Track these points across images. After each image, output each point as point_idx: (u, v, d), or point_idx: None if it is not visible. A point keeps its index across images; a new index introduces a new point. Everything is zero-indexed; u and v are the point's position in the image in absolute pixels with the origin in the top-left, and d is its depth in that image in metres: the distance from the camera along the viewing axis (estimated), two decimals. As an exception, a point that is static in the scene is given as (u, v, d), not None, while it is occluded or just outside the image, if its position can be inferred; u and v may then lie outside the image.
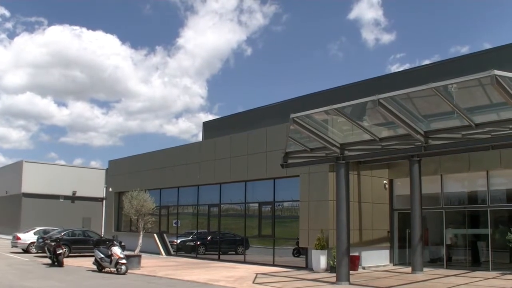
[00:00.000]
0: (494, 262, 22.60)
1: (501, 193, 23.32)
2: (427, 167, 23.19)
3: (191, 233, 32.29)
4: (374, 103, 15.30)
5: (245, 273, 22.08)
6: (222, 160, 29.28)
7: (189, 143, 42.52)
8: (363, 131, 18.05)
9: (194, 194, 32.17)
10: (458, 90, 14.52)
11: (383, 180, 26.00)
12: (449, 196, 24.98)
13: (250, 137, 27.86)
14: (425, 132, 16.75)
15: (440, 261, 24.58)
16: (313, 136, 18.36)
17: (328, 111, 17.26)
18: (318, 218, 23.27)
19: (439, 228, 24.79)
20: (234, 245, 29.70)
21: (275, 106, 37.00)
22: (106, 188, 42.36)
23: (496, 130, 16.00)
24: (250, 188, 28.11)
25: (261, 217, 27.55)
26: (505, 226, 22.42)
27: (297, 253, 25.27)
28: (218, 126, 42.00)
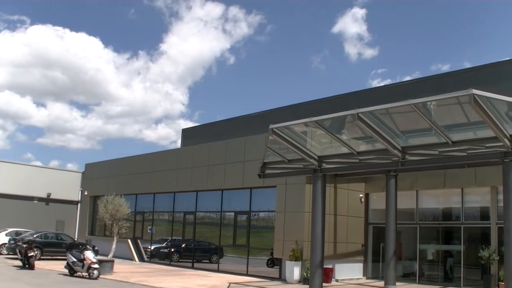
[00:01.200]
0: (466, 278, 22.80)
1: (475, 210, 23.61)
2: (403, 182, 23.31)
3: (166, 240, 32.11)
4: (354, 117, 15.37)
5: (218, 282, 22.02)
6: (199, 168, 29.20)
7: (167, 149, 42.31)
8: (342, 144, 18.12)
9: (170, 201, 32.01)
10: (437, 108, 14.65)
11: (360, 194, 26.12)
12: (424, 212, 25.19)
13: (229, 146, 27.82)
14: (403, 147, 16.88)
15: (413, 276, 24.71)
16: (291, 147, 18.39)
17: (307, 123, 17.31)
18: (293, 229, 23.29)
19: (413, 243, 24.94)
20: (208, 253, 29.60)
21: (255, 116, 37.03)
22: (82, 192, 42.00)
23: (472, 148, 16.18)
24: (227, 197, 28.04)
25: (237, 226, 27.52)
26: (477, 243, 22.63)
27: (271, 264, 25.24)
28: (197, 133, 41.90)
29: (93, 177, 39.82)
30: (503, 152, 15.03)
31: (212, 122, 42.87)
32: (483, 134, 15.42)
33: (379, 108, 15.47)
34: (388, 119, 16.35)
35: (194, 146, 32.04)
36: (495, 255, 21.23)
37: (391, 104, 15.36)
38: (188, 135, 43.59)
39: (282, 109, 34.97)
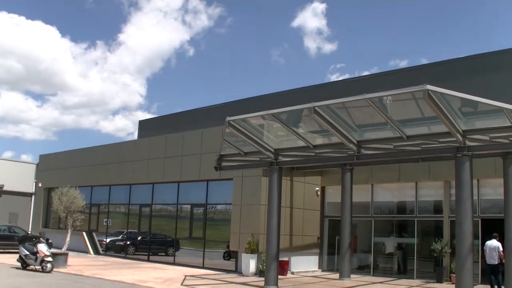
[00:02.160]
0: (419, 270, 23.23)
1: (428, 204, 24.01)
2: (359, 176, 23.58)
3: (122, 232, 31.78)
4: (310, 110, 15.42)
5: (174, 275, 21.91)
6: (156, 160, 28.97)
7: (124, 141, 41.88)
8: (298, 138, 18.19)
9: (126, 193, 31.69)
10: (392, 103, 14.79)
11: (315, 187, 26.29)
12: (379, 205, 25.52)
13: (186, 138, 27.65)
14: (358, 141, 17.03)
15: (368, 268, 25.03)
16: (248, 140, 18.37)
17: (264, 116, 17.29)
18: (249, 222, 23.30)
19: (368, 236, 25.24)
20: (164, 246, 29.40)
21: (213, 108, 36.92)
22: (36, 183, 41.24)
23: (426, 143, 16.43)
24: (183, 190, 27.90)
25: (193, 219, 27.39)
26: (430, 236, 23.02)
27: (227, 256, 25.23)
28: (154, 125, 41.59)
29: (47, 168, 39.15)
30: (455, 147, 15.30)
31: (170, 114, 42.63)
32: (437, 129, 15.65)
33: (335, 102, 15.56)
34: (345, 113, 16.47)
35: (151, 138, 31.79)
36: (447, 248, 21.65)
37: (347, 98, 15.44)
38: (145, 127, 43.23)
39: (240, 101, 34.91)
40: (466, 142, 15.12)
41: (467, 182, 15.13)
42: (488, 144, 15.60)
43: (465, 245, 15.01)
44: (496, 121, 14.82)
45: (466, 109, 14.99)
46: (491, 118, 15.00)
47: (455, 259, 15.87)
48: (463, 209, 15.09)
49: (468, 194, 15.11)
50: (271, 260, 18.81)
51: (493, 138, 15.45)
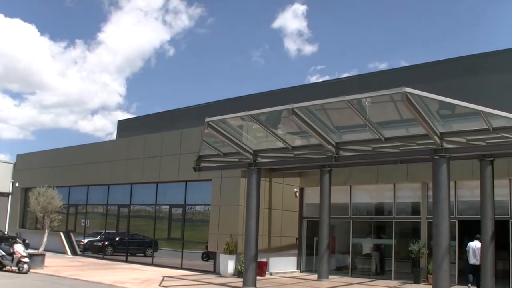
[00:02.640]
0: (397, 271, 23.39)
1: (406, 205, 24.18)
2: (338, 177, 23.66)
3: (99, 233, 31.56)
4: (289, 111, 15.45)
5: (152, 276, 21.83)
6: (134, 160, 28.82)
7: (102, 141, 41.60)
8: (277, 139, 18.20)
9: (104, 193, 31.46)
10: (371, 105, 14.87)
11: (294, 188, 26.34)
12: (357, 207, 25.63)
13: (164, 138, 27.54)
14: (337, 143, 17.08)
15: (346, 269, 25.13)
16: (227, 141, 18.35)
17: (243, 117, 17.29)
18: (228, 223, 23.27)
19: (346, 237, 25.33)
20: (142, 246, 29.26)
21: (193, 109, 36.84)
22: (13, 183, 40.76)
23: (404, 145, 16.55)
24: (162, 190, 27.78)
25: (171, 220, 27.29)
26: (408, 237, 23.18)
27: (206, 257, 25.18)
28: (133, 125, 41.40)
29: (25, 168, 38.75)
30: (433, 149, 15.41)
31: (149, 114, 42.48)
32: (415, 131, 15.75)
33: (314, 103, 15.59)
34: (323, 115, 16.50)
35: (130, 138, 31.64)
36: (425, 249, 21.80)
37: (326, 99, 15.47)
38: (124, 127, 43.01)
39: (220, 102, 34.90)
40: (443, 144, 15.23)
41: (444, 184, 15.25)
42: (465, 147, 15.74)
43: (442, 246, 15.12)
44: (473, 123, 14.95)
45: (444, 112, 15.11)
46: (469, 120, 15.14)
47: (432, 260, 15.98)
48: (440, 211, 15.20)
49: (445, 195, 15.23)
50: (249, 261, 18.81)
51: (470, 141, 15.60)
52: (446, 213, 15.22)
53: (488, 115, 13.98)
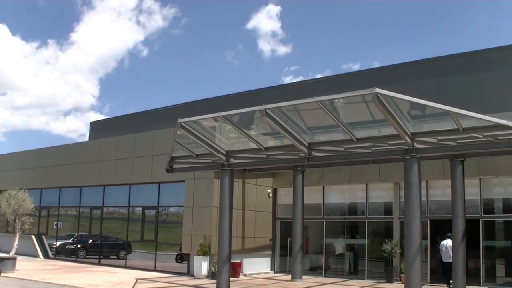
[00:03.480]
0: (370, 271, 23.55)
1: (378, 205, 24.34)
2: (310, 177, 23.77)
3: (72, 235, 31.27)
4: (261, 112, 15.42)
5: (125, 278, 21.69)
6: (107, 161, 28.61)
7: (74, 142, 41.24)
8: (250, 140, 18.19)
9: (76, 195, 31.18)
10: (343, 105, 14.93)
11: (267, 189, 26.37)
12: (331, 207, 25.75)
13: (137, 139, 27.40)
14: (309, 143, 17.11)
15: (320, 269, 25.23)
16: (199, 142, 18.28)
17: (216, 118, 17.24)
18: (201, 224, 23.23)
19: (319, 237, 25.42)
20: (116, 249, 29.05)
21: (166, 110, 36.75)
22: (-17, 186, 40.24)
23: (376, 145, 16.63)
24: (135, 192, 27.62)
25: (145, 222, 27.15)
26: (381, 237, 23.35)
27: (180, 259, 25.11)
28: (106, 127, 41.17)
29: (-5, 170, 38.27)
30: (404, 150, 15.50)
31: (122, 116, 42.27)
32: (386, 132, 15.83)
33: (287, 104, 15.60)
34: (296, 116, 16.52)
35: (102, 139, 31.42)
36: (397, 248, 21.97)
37: (298, 100, 15.49)
38: (97, 128, 42.74)
39: (194, 103, 34.85)
40: (414, 145, 15.35)
41: (416, 183, 15.36)
42: (436, 147, 15.87)
43: (414, 245, 15.22)
44: (443, 124, 15.07)
45: (415, 112, 15.22)
46: (439, 121, 15.27)
47: (404, 259, 16.11)
48: (411, 210, 15.31)
49: (417, 195, 15.34)
50: (223, 262, 18.76)
51: (441, 141, 15.72)
52: (418, 213, 15.33)
53: (458, 115, 14.12)
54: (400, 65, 28.30)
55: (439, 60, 26.84)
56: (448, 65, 26.44)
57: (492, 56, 25.61)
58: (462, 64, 26.10)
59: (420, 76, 26.87)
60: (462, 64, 26.10)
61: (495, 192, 21.68)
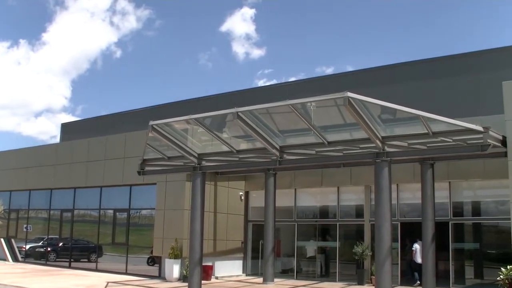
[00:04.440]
0: (341, 273, 23.61)
1: (350, 208, 24.46)
2: (282, 180, 23.82)
3: (42, 238, 30.90)
4: (233, 115, 15.47)
5: (96, 282, 21.51)
6: (78, 164, 28.33)
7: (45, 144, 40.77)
8: (222, 143, 18.22)
9: (47, 198, 30.81)
10: (315, 109, 15.02)
11: (239, 192, 26.35)
12: (302, 210, 25.80)
13: (109, 142, 27.19)
14: (281, 147, 17.20)
15: (291, 272, 25.25)
16: (171, 144, 18.27)
17: (188, 120, 17.25)
18: (173, 227, 23.14)
19: (291, 240, 25.48)
20: (86, 252, 28.77)
21: (139, 112, 36.55)
22: (-49, 188, 39.64)
23: (347, 148, 16.78)
24: (106, 194, 27.40)
25: (116, 224, 26.95)
26: (352, 240, 23.47)
27: (151, 262, 24.97)
28: (77, 128, 40.81)
29: (-37, 172, 37.67)
30: (375, 153, 15.69)
31: (94, 117, 41.92)
32: (357, 135, 16.01)
33: (258, 107, 15.67)
34: (268, 119, 16.60)
35: (73, 141, 31.09)
36: (368, 250, 22.09)
37: (270, 104, 15.59)
38: (68, 130, 42.33)
39: (167, 105, 34.72)
40: (385, 148, 15.52)
41: (386, 187, 15.52)
42: (406, 150, 16.06)
43: (384, 248, 15.38)
44: (414, 128, 15.28)
45: (386, 116, 15.39)
46: (409, 125, 15.47)
47: (375, 261, 16.24)
48: (382, 213, 15.46)
49: (387, 198, 15.49)
50: (194, 265, 18.75)
51: (411, 145, 15.91)
52: (388, 216, 15.49)
53: (428, 119, 14.33)
54: (373, 69, 28.57)
55: (411, 65, 27.16)
56: (419, 70, 26.76)
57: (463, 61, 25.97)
58: (433, 69, 26.43)
59: (393, 81, 27.13)
60: (433, 68, 26.43)
61: (464, 195, 21.92)
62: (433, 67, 26.55)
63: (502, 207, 19.95)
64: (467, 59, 25.95)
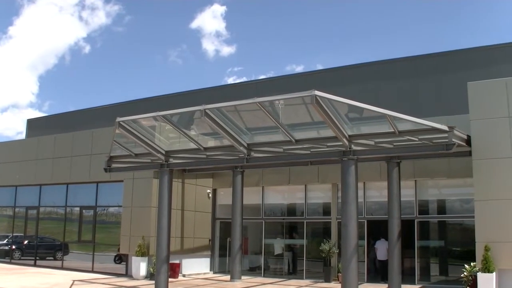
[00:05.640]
0: (309, 271, 23.76)
1: (317, 206, 24.60)
2: (250, 178, 23.84)
3: (7, 236, 30.41)
4: (201, 112, 15.43)
5: (61, 280, 21.29)
6: (44, 160, 27.95)
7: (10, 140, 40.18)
8: (189, 140, 18.17)
9: (11, 195, 30.32)
10: (283, 107, 15.06)
11: (207, 189, 26.29)
12: (270, 207, 25.87)
13: (75, 138, 26.87)
14: (249, 144, 17.21)
15: (259, 269, 25.31)
16: (138, 141, 18.12)
17: (155, 117, 17.18)
18: (140, 225, 23.00)
19: (259, 237, 25.53)
20: (52, 250, 28.39)
21: (107, 108, 36.26)
22: None
23: (315, 146, 16.87)
24: (72, 191, 27.11)
25: (82, 222, 26.68)
26: (319, 237, 23.59)
27: (118, 260, 24.78)
28: (44, 124, 40.33)
29: None
30: (342, 151, 15.81)
31: (61, 113, 41.49)
32: (325, 134, 16.08)
33: (226, 105, 15.66)
34: (236, 116, 16.58)
35: (39, 137, 30.65)
36: (335, 248, 22.23)
37: (238, 101, 15.56)
38: (35, 126, 41.79)
39: (135, 102, 34.53)
40: (351, 147, 15.63)
41: (352, 185, 15.64)
42: (373, 149, 16.24)
43: (350, 245, 15.51)
44: (380, 126, 15.42)
45: (353, 115, 15.51)
46: (376, 124, 15.61)
47: (341, 259, 16.37)
48: (348, 211, 15.59)
49: (353, 196, 15.62)
50: (161, 263, 18.66)
51: (378, 143, 16.08)
52: (354, 213, 15.62)
53: (394, 118, 14.47)
54: (342, 68, 28.78)
55: (380, 64, 27.44)
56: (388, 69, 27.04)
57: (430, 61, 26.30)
58: (401, 69, 26.74)
59: (362, 80, 27.35)
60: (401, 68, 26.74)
61: (430, 193, 22.22)
62: (401, 67, 26.86)
63: (466, 205, 20.27)
64: (434, 60, 26.29)
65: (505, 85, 16.79)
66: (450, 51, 26.10)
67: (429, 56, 26.49)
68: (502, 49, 24.81)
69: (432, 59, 26.31)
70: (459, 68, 24.82)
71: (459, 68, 24.76)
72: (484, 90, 17.20)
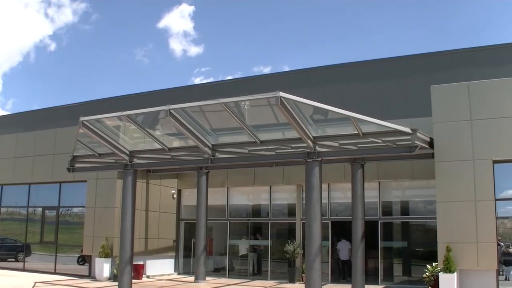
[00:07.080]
0: (273, 271, 23.83)
1: (282, 207, 24.70)
2: (215, 179, 23.78)
3: (-33, 238, 29.90)
4: (165, 113, 15.36)
5: (23, 282, 20.96)
6: (5, 160, 27.46)
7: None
8: (154, 140, 18.08)
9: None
10: (249, 108, 15.09)
11: (172, 190, 26.16)
12: (235, 208, 25.88)
13: (38, 137, 26.48)
14: (213, 145, 17.19)
15: (224, 270, 25.27)
16: (102, 141, 17.96)
17: (120, 117, 17.06)
18: (104, 225, 22.78)
19: (223, 238, 25.50)
20: (14, 251, 27.91)
21: (72, 107, 35.74)
22: None
23: (280, 148, 16.92)
24: (35, 192, 26.71)
25: (45, 223, 26.30)
26: (284, 238, 23.67)
27: (82, 261, 24.48)
28: (6, 123, 39.56)
29: None
30: (306, 153, 15.89)
31: (24, 112, 40.75)
32: (290, 135, 16.18)
33: (191, 105, 15.63)
34: (201, 117, 16.56)
35: (1, 136, 30.12)
36: (300, 249, 22.31)
37: (203, 102, 15.56)
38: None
39: (100, 101, 34.12)
40: (316, 148, 15.72)
41: (316, 186, 15.72)
42: (337, 150, 16.35)
43: (314, 246, 15.59)
44: (345, 128, 15.56)
45: (317, 117, 15.61)
46: (341, 125, 15.74)
47: (305, 259, 16.46)
48: (312, 212, 15.67)
49: (317, 197, 15.70)
50: (124, 264, 18.52)
51: (342, 145, 16.20)
52: (318, 214, 15.70)
53: (358, 120, 14.61)
54: (308, 70, 28.87)
55: (346, 67, 27.60)
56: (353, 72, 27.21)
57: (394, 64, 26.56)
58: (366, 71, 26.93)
59: (328, 82, 27.48)
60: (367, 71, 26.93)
61: (393, 195, 22.48)
62: (366, 69, 27.05)
63: (429, 207, 20.54)
64: (399, 63, 26.54)
65: (468, 89, 17.03)
66: (415, 55, 26.37)
67: (394, 59, 26.72)
68: (467, 53, 25.15)
69: (399, 61, 26.55)
70: (424, 71, 25.09)
71: (424, 71, 25.03)
72: (447, 93, 17.43)
